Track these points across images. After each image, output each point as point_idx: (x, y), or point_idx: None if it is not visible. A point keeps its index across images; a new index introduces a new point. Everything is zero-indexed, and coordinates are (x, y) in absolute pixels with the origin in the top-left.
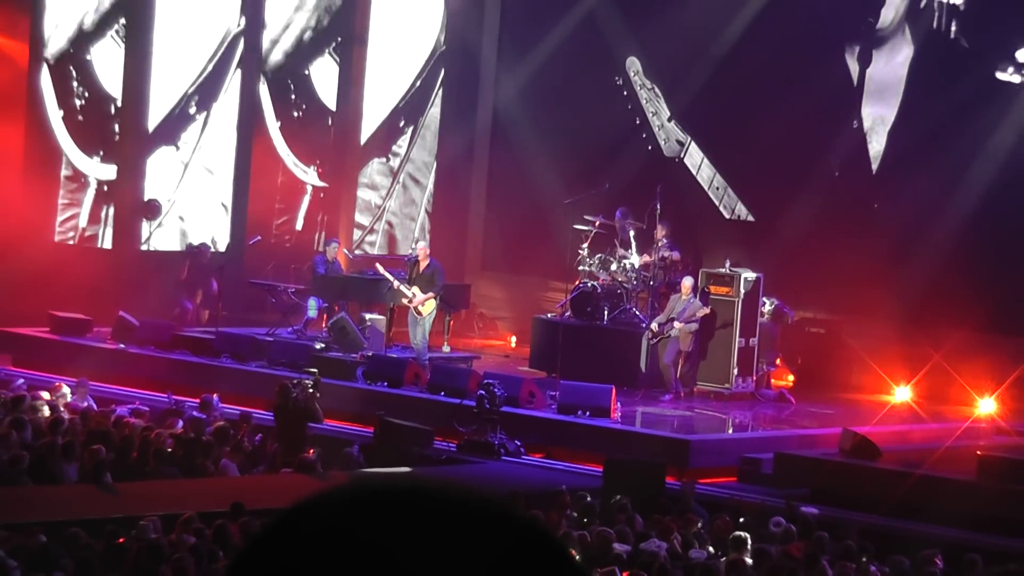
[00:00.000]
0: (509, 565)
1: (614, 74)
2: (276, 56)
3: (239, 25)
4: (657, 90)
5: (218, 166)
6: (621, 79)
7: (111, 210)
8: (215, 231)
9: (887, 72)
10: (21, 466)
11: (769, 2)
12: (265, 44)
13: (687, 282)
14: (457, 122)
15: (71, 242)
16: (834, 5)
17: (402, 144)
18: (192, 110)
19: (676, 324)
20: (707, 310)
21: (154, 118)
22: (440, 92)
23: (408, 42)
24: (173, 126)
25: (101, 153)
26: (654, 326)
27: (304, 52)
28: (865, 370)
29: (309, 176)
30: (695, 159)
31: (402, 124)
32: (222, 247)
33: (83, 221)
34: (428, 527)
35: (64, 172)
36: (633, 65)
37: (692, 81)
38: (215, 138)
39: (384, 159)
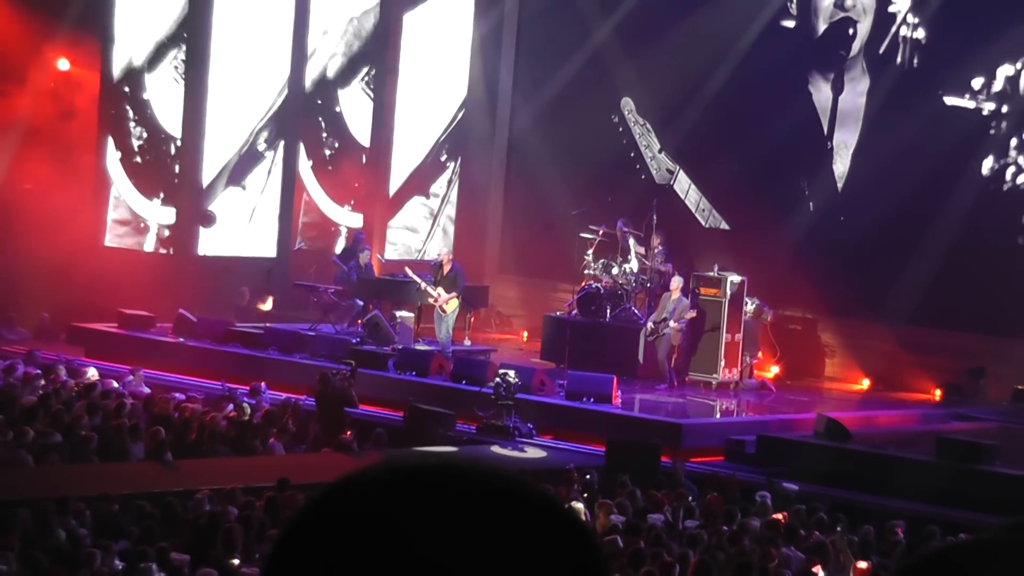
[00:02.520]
0: (536, 543)
1: (614, 110)
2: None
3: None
4: (648, 125)
5: (270, 185)
6: (616, 117)
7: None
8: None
9: (848, 100)
10: (91, 446)
11: (749, 44)
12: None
13: (675, 282)
14: (478, 144)
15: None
16: (808, 44)
17: (441, 184)
18: (261, 147)
19: (671, 324)
20: (693, 313)
21: (218, 159)
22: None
23: (442, 75)
24: (240, 167)
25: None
26: (650, 324)
27: (334, 82)
28: (836, 362)
29: (342, 216)
30: (683, 185)
31: (444, 159)
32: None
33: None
34: (457, 505)
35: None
36: (627, 104)
37: (680, 116)
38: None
39: (424, 197)
